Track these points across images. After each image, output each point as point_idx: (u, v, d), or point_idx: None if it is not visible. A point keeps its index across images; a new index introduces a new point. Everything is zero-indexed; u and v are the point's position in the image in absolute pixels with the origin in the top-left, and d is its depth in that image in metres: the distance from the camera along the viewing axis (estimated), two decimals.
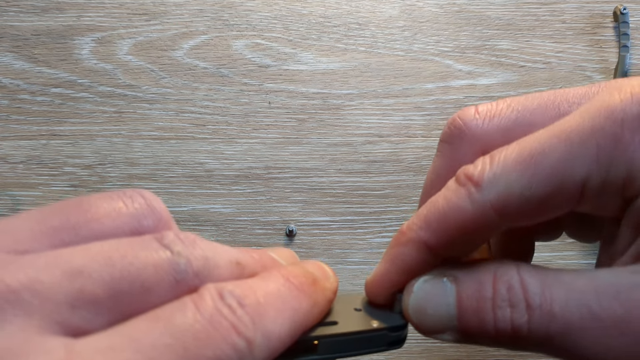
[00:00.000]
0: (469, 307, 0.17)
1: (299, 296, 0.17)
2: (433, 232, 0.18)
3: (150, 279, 0.15)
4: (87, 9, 0.45)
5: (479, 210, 0.17)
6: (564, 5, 0.46)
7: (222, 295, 0.15)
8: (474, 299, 0.17)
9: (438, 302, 0.17)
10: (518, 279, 0.17)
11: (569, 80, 0.44)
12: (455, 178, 0.18)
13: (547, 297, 0.16)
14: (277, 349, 0.16)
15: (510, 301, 0.16)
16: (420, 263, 0.18)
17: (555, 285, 0.16)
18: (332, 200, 0.42)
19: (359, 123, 0.44)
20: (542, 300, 0.16)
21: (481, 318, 0.17)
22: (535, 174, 0.16)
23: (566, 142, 0.16)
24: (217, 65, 0.45)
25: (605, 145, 0.16)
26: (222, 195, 0.42)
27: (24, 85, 0.44)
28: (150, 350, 0.13)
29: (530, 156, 0.16)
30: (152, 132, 0.43)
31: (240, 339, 0.15)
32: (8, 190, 0.42)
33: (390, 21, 0.46)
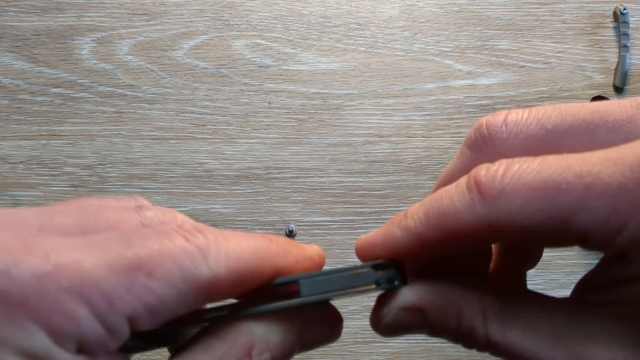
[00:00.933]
0: (435, 333, 0.19)
1: (268, 239, 0.18)
2: (428, 228, 0.18)
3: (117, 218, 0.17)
4: (87, 9, 0.45)
5: (475, 223, 0.17)
6: (564, 6, 0.46)
7: (182, 226, 0.17)
8: (439, 328, 0.18)
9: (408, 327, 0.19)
10: (481, 320, 0.18)
11: (569, 80, 0.44)
12: (467, 177, 0.18)
13: (506, 340, 0.17)
14: (241, 271, 0.17)
15: (473, 339, 0.18)
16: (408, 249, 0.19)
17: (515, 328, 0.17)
18: (332, 200, 0.42)
19: (359, 123, 0.44)
20: (500, 343, 0.17)
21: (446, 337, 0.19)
22: (543, 209, 0.16)
23: (587, 187, 0.15)
24: (217, 65, 0.45)
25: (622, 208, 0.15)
26: (222, 195, 0.42)
27: (24, 85, 0.44)
28: (100, 240, 0.15)
29: (545, 186, 0.16)
30: (152, 132, 0.43)
31: (190, 244, 0.16)
32: (8, 190, 0.42)
33: (390, 21, 0.46)
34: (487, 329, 0.17)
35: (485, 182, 0.17)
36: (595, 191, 0.15)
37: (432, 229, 0.18)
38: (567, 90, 0.44)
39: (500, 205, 0.16)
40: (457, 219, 0.17)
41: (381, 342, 0.40)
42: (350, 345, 0.40)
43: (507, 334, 0.17)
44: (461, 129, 0.44)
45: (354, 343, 0.40)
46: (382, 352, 0.40)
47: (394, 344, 0.40)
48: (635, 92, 0.44)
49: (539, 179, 0.16)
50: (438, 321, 0.18)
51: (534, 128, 0.19)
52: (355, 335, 0.40)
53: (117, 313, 0.15)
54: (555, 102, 0.44)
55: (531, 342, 0.17)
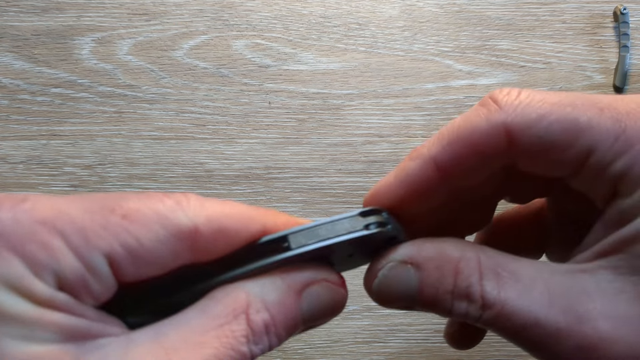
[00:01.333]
0: (429, 295, 0.18)
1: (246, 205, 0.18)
2: (443, 147, 0.19)
3: None
4: (87, 9, 0.45)
5: (492, 129, 0.17)
6: (564, 5, 0.46)
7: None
8: (434, 288, 0.18)
9: (401, 287, 0.19)
10: (478, 277, 0.18)
11: (569, 80, 0.44)
12: (480, 101, 0.19)
13: (501, 298, 0.17)
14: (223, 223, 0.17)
15: (468, 298, 0.18)
16: (423, 179, 0.19)
17: (512, 288, 0.17)
18: (332, 200, 0.42)
19: (359, 123, 0.44)
20: (496, 301, 0.17)
21: (440, 306, 0.18)
22: (559, 120, 0.17)
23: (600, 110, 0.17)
24: (217, 65, 0.45)
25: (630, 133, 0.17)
26: (222, 195, 0.42)
27: (24, 85, 0.44)
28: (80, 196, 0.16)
29: (562, 102, 0.17)
30: (152, 132, 0.43)
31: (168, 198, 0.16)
32: (8, 191, 0.42)
33: (390, 21, 0.46)
34: (483, 287, 0.17)
35: (502, 97, 0.18)
36: (608, 114, 0.17)
37: (447, 148, 0.18)
38: (567, 90, 0.44)
39: (518, 112, 0.17)
40: (473, 129, 0.18)
41: (381, 342, 0.40)
42: (350, 345, 0.40)
43: (502, 293, 0.17)
44: None
45: (354, 343, 0.40)
46: (382, 352, 0.40)
47: (394, 344, 0.40)
48: (636, 92, 0.44)
49: (555, 98, 0.18)
50: (433, 280, 0.18)
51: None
52: (355, 335, 0.40)
53: (93, 248, 0.15)
54: None
55: (526, 301, 0.17)
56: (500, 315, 0.17)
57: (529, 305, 0.17)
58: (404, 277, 0.18)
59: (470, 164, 0.18)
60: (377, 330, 0.40)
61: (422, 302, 0.18)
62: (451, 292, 0.18)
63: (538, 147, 0.17)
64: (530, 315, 0.17)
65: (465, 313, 0.18)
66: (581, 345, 0.16)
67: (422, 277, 0.18)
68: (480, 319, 0.18)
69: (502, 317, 0.17)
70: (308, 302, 0.18)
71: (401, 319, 0.41)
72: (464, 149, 0.18)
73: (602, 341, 0.16)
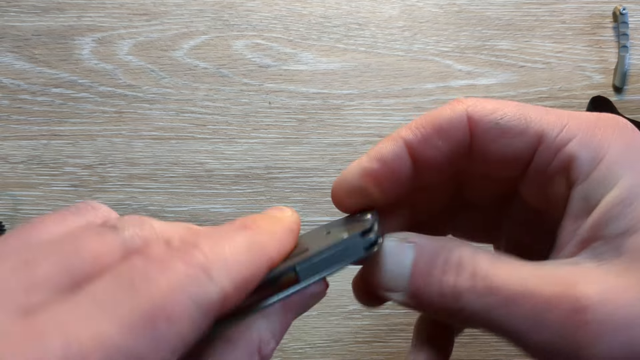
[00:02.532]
0: (421, 271, 0.19)
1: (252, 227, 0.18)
2: (412, 130, 0.21)
3: (101, 250, 0.15)
4: (88, 9, 0.45)
5: (455, 114, 0.20)
6: (564, 6, 0.46)
7: (169, 240, 0.16)
8: (427, 264, 0.19)
9: (396, 262, 0.19)
10: (471, 255, 0.18)
11: (569, 80, 0.44)
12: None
13: (491, 274, 0.18)
14: (244, 276, 0.16)
15: (458, 270, 0.18)
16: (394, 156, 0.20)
17: (501, 267, 0.18)
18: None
19: (359, 123, 0.44)
20: (486, 275, 0.18)
21: (428, 281, 0.18)
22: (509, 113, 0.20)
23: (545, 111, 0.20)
24: (218, 65, 0.45)
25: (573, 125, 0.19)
26: (223, 195, 0.42)
27: (24, 85, 0.44)
28: (103, 296, 0.14)
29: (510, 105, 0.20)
30: (152, 132, 0.43)
31: (192, 268, 0.15)
32: (9, 190, 0.42)
33: (390, 21, 0.46)
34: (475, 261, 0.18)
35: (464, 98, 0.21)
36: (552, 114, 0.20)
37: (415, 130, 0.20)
38: (567, 90, 0.44)
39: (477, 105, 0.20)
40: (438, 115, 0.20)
41: (381, 341, 0.40)
42: (350, 345, 0.40)
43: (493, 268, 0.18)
44: None
45: (354, 343, 0.40)
46: (383, 351, 0.40)
47: (394, 344, 0.40)
48: (635, 92, 0.44)
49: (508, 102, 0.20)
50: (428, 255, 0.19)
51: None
52: (356, 335, 0.40)
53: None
54: (555, 102, 0.44)
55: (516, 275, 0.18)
56: (489, 288, 0.18)
57: (518, 279, 0.18)
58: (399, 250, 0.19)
59: (438, 145, 0.20)
60: (377, 329, 0.41)
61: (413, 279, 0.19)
62: (442, 267, 0.18)
63: (494, 134, 0.20)
64: (519, 287, 0.17)
65: (454, 286, 0.18)
66: (574, 308, 0.16)
67: (417, 252, 0.19)
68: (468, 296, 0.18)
69: (491, 290, 0.17)
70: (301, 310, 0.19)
71: (401, 318, 0.41)
72: (431, 131, 0.20)
73: (595, 303, 0.16)
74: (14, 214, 0.42)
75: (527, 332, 0.17)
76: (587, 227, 0.18)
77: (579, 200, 0.19)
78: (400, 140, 0.20)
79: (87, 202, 0.18)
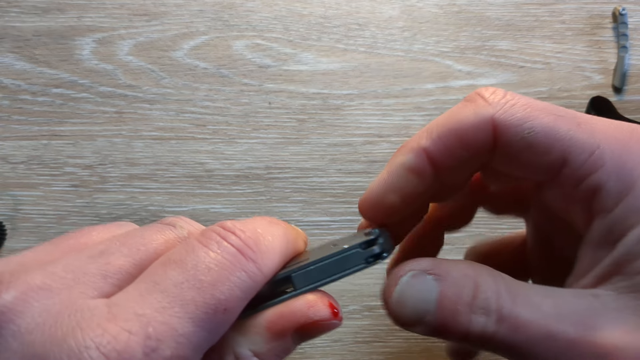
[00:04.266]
0: (448, 307, 0.18)
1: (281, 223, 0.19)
2: (433, 140, 0.19)
3: (164, 244, 0.18)
4: (88, 9, 0.45)
5: (480, 122, 0.18)
6: (563, 6, 0.46)
7: (225, 227, 0.18)
8: (454, 301, 0.18)
9: (420, 297, 0.18)
10: (495, 291, 0.18)
11: (569, 80, 0.45)
12: (466, 97, 0.19)
13: (516, 313, 0.17)
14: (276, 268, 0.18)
15: (485, 310, 0.18)
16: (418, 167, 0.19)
17: (524, 304, 0.18)
18: (332, 200, 0.43)
19: (359, 123, 0.44)
20: (510, 315, 0.17)
21: (457, 319, 0.18)
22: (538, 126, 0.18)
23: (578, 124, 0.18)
24: (218, 65, 0.45)
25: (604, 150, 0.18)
26: (223, 195, 0.42)
27: (25, 85, 0.44)
28: (172, 289, 0.16)
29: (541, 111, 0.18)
30: (152, 132, 0.43)
31: (247, 262, 0.17)
32: (9, 190, 0.42)
33: (390, 22, 0.46)
34: (499, 301, 0.18)
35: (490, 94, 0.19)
36: (585, 128, 0.18)
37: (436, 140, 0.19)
38: (567, 90, 0.44)
39: (506, 109, 0.18)
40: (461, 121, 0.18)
41: (381, 341, 0.40)
42: (350, 345, 0.40)
43: (515, 307, 0.18)
44: None
45: (354, 343, 0.40)
46: (383, 351, 0.40)
47: (394, 344, 0.40)
48: (634, 92, 0.45)
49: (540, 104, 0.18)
50: (453, 291, 0.18)
51: None
52: (356, 335, 0.40)
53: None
54: (555, 102, 0.44)
55: (538, 314, 0.17)
56: (514, 328, 0.17)
57: (540, 318, 0.17)
58: (424, 286, 0.18)
59: (459, 155, 0.19)
60: (378, 329, 0.41)
61: (439, 315, 0.18)
62: (469, 304, 0.18)
63: (519, 147, 0.18)
64: (542, 328, 0.17)
65: (482, 328, 0.18)
66: (595, 354, 0.16)
67: (442, 287, 0.18)
68: (495, 335, 0.18)
69: (516, 330, 0.17)
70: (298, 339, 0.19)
71: None
72: (453, 141, 0.19)
73: (615, 348, 0.16)
74: (14, 214, 0.42)
75: None
76: (609, 262, 0.18)
77: (602, 231, 0.18)
78: (421, 152, 0.19)
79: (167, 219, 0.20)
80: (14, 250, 0.42)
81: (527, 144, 0.18)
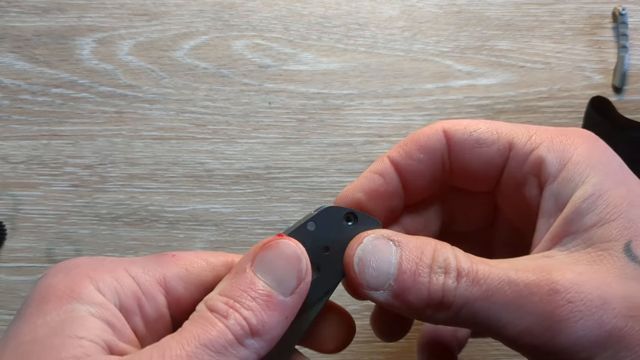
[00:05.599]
0: (408, 269, 0.19)
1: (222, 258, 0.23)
2: (396, 148, 0.23)
3: None
4: (88, 9, 0.45)
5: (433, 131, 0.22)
6: (563, 6, 0.46)
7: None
8: (413, 263, 0.19)
9: (382, 259, 0.20)
10: (453, 254, 0.19)
11: (569, 80, 0.45)
12: None
13: (474, 268, 0.19)
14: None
15: (445, 269, 0.19)
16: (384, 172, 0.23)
17: (482, 263, 0.19)
18: (332, 200, 0.42)
19: (359, 123, 0.44)
20: (469, 270, 0.19)
21: (417, 280, 0.19)
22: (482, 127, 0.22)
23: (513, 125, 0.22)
24: (218, 65, 0.45)
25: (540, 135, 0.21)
26: (223, 195, 0.42)
27: (25, 85, 0.44)
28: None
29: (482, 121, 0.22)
30: (152, 132, 0.43)
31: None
32: (9, 190, 0.42)
33: (390, 22, 0.46)
34: (458, 260, 0.19)
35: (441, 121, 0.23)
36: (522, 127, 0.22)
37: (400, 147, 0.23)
38: (567, 90, 0.44)
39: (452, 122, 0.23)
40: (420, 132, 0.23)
41: (381, 342, 0.40)
42: (350, 345, 0.40)
43: (474, 265, 0.19)
44: None
45: (354, 343, 0.40)
46: (383, 351, 0.40)
47: (394, 344, 0.40)
48: (634, 92, 0.45)
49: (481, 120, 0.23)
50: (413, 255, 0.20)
51: None
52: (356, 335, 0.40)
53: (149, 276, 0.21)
54: (555, 102, 0.44)
55: (497, 268, 0.19)
56: (474, 281, 0.18)
57: (500, 270, 0.19)
58: (385, 248, 0.20)
59: (417, 157, 0.23)
60: None
61: (400, 278, 0.19)
62: (429, 265, 0.19)
63: (470, 143, 0.22)
64: (502, 276, 0.18)
65: (442, 285, 0.19)
66: (551, 290, 0.18)
67: (403, 251, 0.20)
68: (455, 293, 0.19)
69: (476, 282, 0.18)
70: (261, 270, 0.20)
71: None
72: (412, 146, 0.23)
73: (568, 287, 0.18)
74: (15, 214, 0.42)
75: (511, 321, 0.18)
76: (558, 224, 0.20)
77: (550, 200, 0.20)
78: (385, 158, 0.23)
79: None
80: (14, 249, 0.42)
81: (475, 141, 0.22)
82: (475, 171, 0.22)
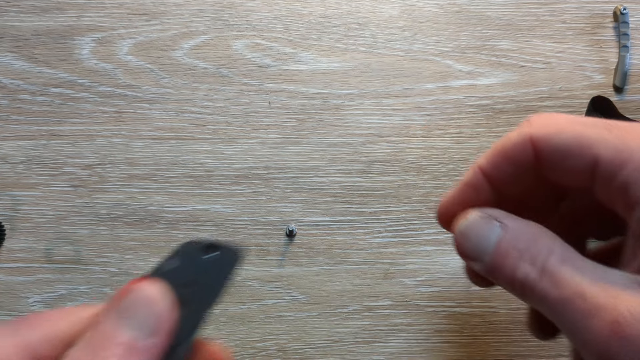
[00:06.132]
0: (502, 251, 0.21)
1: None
2: (485, 157, 0.23)
3: None
4: (87, 9, 0.45)
5: (520, 139, 0.22)
6: (564, 6, 0.46)
7: None
8: (510, 247, 0.21)
9: (482, 235, 0.21)
10: (549, 248, 0.20)
11: (569, 80, 0.44)
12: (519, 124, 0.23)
13: (557, 269, 0.20)
14: None
15: (532, 260, 0.20)
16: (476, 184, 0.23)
17: (570, 265, 0.20)
18: (332, 200, 0.42)
19: (359, 123, 0.44)
20: (553, 270, 0.20)
21: (506, 262, 0.21)
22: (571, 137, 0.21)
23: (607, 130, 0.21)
24: (217, 65, 0.45)
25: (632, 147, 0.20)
26: (222, 195, 0.42)
27: (24, 85, 0.44)
28: None
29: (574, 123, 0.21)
30: (152, 132, 0.43)
31: None
32: (8, 191, 0.42)
33: (390, 21, 0.46)
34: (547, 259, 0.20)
35: (535, 117, 0.23)
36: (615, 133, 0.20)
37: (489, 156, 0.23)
38: (567, 90, 0.44)
39: (542, 127, 0.22)
40: (506, 141, 0.22)
41: (381, 342, 0.40)
42: (350, 345, 0.40)
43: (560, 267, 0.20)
44: (461, 129, 0.44)
45: (354, 343, 0.40)
46: (383, 352, 0.40)
47: (394, 344, 0.40)
48: (635, 92, 0.44)
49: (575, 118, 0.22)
50: (512, 240, 0.21)
51: None
52: (356, 335, 0.40)
53: None
54: (555, 102, 0.44)
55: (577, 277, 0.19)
56: (553, 282, 0.19)
57: (578, 280, 0.19)
58: (489, 227, 0.21)
59: (507, 169, 0.23)
60: (378, 330, 0.40)
61: (495, 256, 0.21)
62: (521, 252, 0.20)
63: (556, 156, 0.21)
64: (577, 287, 0.19)
65: (525, 275, 0.20)
66: (615, 321, 0.18)
67: (504, 234, 0.21)
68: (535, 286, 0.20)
69: (555, 285, 0.19)
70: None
71: (401, 319, 0.41)
72: (499, 157, 0.23)
73: (631, 321, 0.18)
74: (14, 214, 0.42)
75: (579, 330, 0.19)
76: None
77: (637, 223, 0.20)
78: (476, 169, 0.23)
79: None
80: (13, 250, 0.41)
81: (562, 153, 0.21)
82: (563, 177, 0.22)
